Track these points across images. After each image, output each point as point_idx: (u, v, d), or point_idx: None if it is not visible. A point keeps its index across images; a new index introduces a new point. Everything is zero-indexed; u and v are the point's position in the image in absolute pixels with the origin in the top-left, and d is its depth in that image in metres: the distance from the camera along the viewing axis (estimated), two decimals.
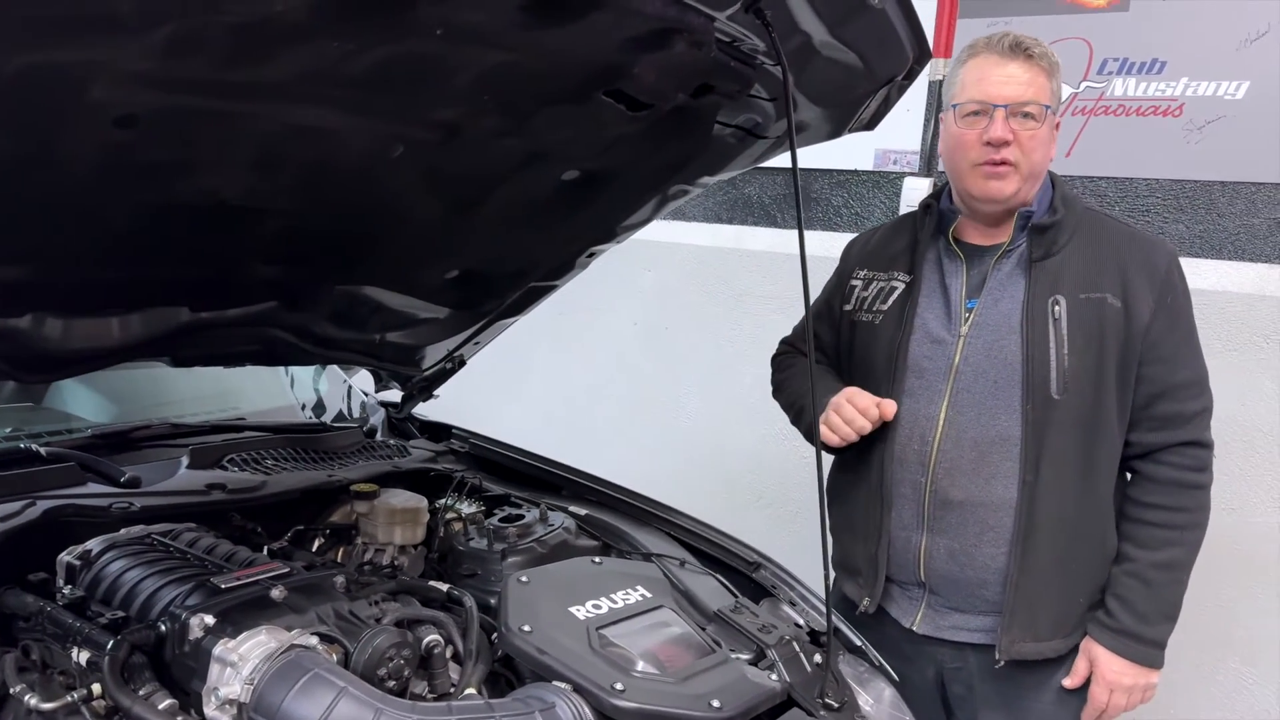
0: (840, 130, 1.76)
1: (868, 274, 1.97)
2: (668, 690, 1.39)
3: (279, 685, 1.19)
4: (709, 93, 1.51)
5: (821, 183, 3.32)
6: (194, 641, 1.27)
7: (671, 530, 2.03)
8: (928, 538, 1.83)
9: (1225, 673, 2.63)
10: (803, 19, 1.37)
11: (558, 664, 1.38)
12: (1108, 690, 1.79)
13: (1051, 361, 1.73)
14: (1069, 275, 1.76)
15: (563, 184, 1.75)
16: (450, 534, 1.95)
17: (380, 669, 1.31)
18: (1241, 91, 2.56)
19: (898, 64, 1.57)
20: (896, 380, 1.85)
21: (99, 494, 1.65)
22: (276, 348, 1.90)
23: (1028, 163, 1.75)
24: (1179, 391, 1.75)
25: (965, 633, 1.83)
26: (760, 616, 1.71)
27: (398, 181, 1.54)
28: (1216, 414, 2.63)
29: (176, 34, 1.02)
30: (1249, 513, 2.59)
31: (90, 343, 1.59)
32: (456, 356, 2.31)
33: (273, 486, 1.81)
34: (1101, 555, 1.80)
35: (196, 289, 1.67)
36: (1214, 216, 2.63)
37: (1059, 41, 2.79)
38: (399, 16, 1.08)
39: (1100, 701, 1.81)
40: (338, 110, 1.29)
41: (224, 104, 1.18)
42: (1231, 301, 2.59)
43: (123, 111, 1.12)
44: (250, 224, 1.47)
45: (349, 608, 1.42)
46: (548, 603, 1.55)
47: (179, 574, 1.43)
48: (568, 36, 1.24)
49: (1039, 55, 1.75)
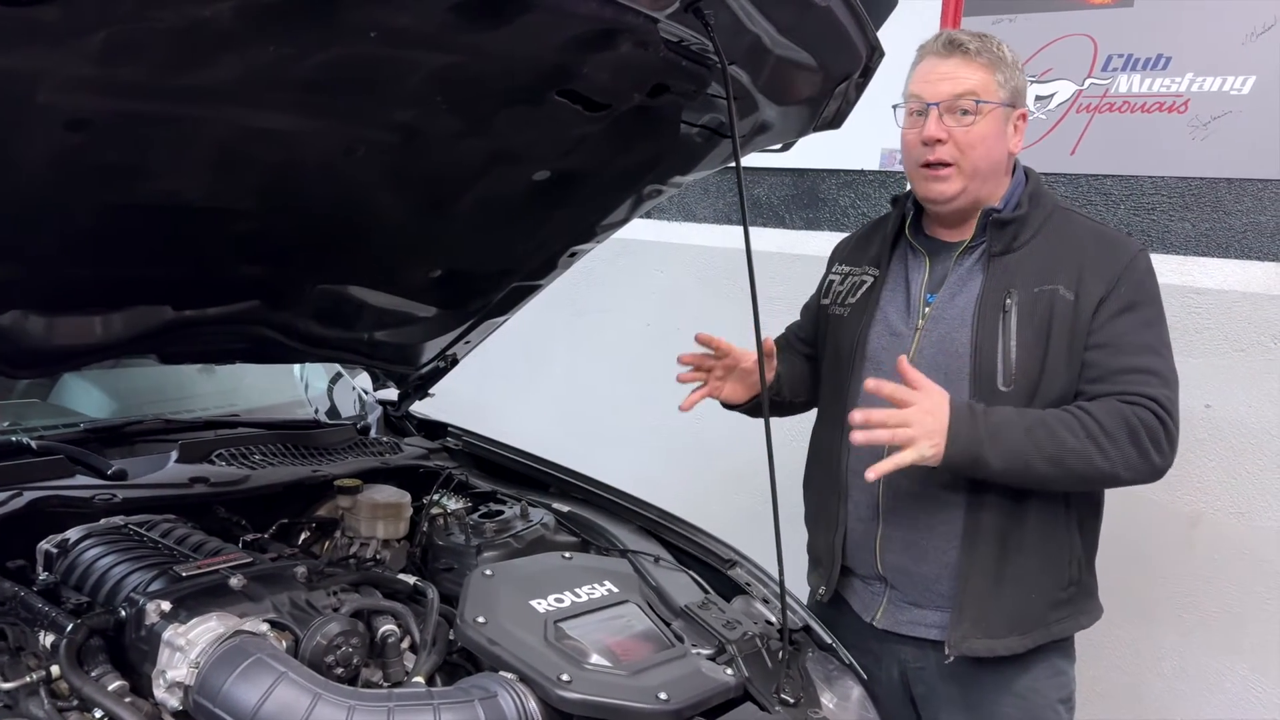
0: (806, 129, 1.77)
1: (845, 269, 2.01)
2: (616, 682, 1.41)
3: (222, 669, 1.23)
4: (665, 92, 1.54)
5: (829, 183, 3.31)
6: (149, 626, 1.32)
7: (651, 527, 2.05)
8: (883, 529, 1.83)
9: (1233, 679, 2.58)
10: (749, 19, 1.39)
11: (507, 654, 1.41)
12: (904, 416, 1.62)
13: (998, 354, 1.72)
14: (1026, 270, 1.74)
15: (535, 184, 1.77)
16: (433, 529, 1.99)
17: (328, 656, 1.35)
18: (1248, 86, 2.50)
19: (851, 62, 1.57)
20: (856, 371, 1.86)
21: (85, 485, 1.71)
22: (264, 345, 1.96)
23: (967, 160, 1.73)
24: (1118, 377, 1.69)
25: (923, 628, 1.82)
26: (728, 613, 1.72)
27: (363, 182, 1.58)
28: (1224, 416, 2.60)
29: (111, 40, 1.06)
30: (1256, 516, 2.53)
31: (74, 340, 1.66)
32: (449, 355, 2.35)
33: (256, 480, 1.86)
34: (1055, 552, 1.77)
35: (178, 288, 1.72)
36: (1220, 214, 2.58)
37: (1063, 39, 2.77)
38: (325, 21, 1.11)
39: (899, 394, 1.64)
40: (291, 113, 1.33)
41: (173, 108, 1.23)
42: (1238, 301, 2.53)
43: (72, 116, 1.17)
44: (218, 224, 1.52)
45: (306, 597, 1.46)
46: (509, 596, 1.58)
47: (146, 562, 1.48)
48: (507, 38, 1.27)
49: (977, 51, 1.74)
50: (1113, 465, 1.66)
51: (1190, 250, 2.62)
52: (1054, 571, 1.77)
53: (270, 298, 1.85)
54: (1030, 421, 1.66)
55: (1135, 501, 2.56)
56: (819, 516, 1.98)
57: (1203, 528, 2.61)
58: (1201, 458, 2.59)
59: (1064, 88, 2.77)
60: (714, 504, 2.76)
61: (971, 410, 1.67)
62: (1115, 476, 1.69)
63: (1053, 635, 1.78)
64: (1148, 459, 1.67)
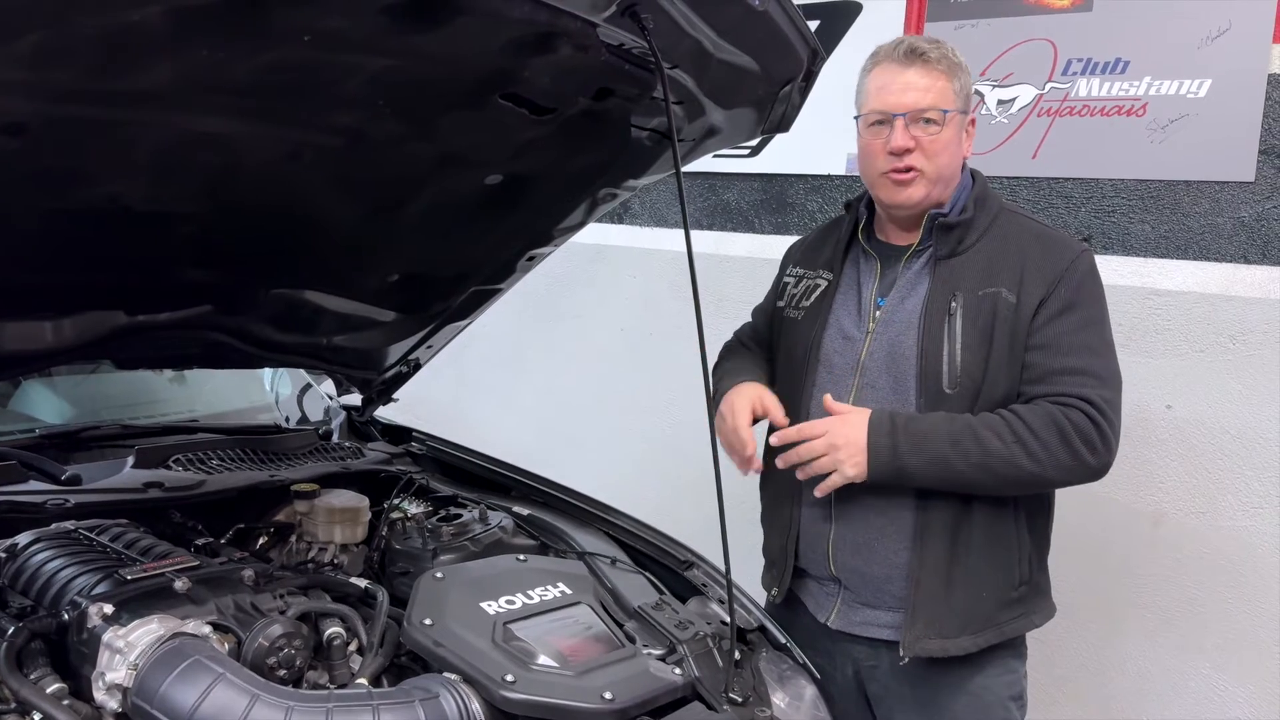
0: (754, 132, 1.78)
1: (799, 272, 2.01)
2: (561, 683, 1.42)
3: (159, 671, 1.23)
4: (610, 96, 1.55)
5: (797, 188, 3.33)
6: (90, 629, 1.32)
7: (611, 530, 2.06)
8: (835, 530, 1.84)
9: (1197, 678, 2.59)
10: (687, 23, 1.40)
11: (452, 656, 1.41)
12: (827, 430, 1.73)
13: (944, 357, 1.74)
14: (970, 273, 1.76)
15: (486, 188, 1.78)
16: (393, 534, 1.99)
17: (270, 658, 1.35)
18: (1204, 90, 2.53)
19: (793, 66, 1.59)
20: (809, 373, 1.88)
21: (37, 490, 1.71)
22: (220, 350, 1.96)
23: (933, 167, 1.76)
24: (1055, 378, 1.70)
25: (876, 629, 1.83)
26: (681, 613, 1.73)
27: (310, 186, 1.59)
28: (1184, 416, 2.62)
29: (42, 44, 1.06)
30: (1217, 516, 2.55)
31: (23, 345, 1.66)
32: (411, 360, 2.35)
33: (211, 485, 1.86)
34: (1003, 552, 1.78)
35: (129, 293, 1.73)
36: (1179, 217, 2.60)
37: (1024, 43, 2.79)
38: (256, 24, 1.12)
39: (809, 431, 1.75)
40: (230, 117, 1.34)
41: (109, 112, 1.23)
42: (1197, 302, 2.55)
43: (7, 120, 1.18)
44: (162, 229, 1.52)
45: (251, 600, 1.46)
46: (459, 597, 1.58)
47: (92, 566, 1.48)
48: (444, 41, 1.28)
49: (936, 59, 1.76)
50: (1041, 467, 1.67)
51: (1150, 252, 2.64)
52: (1004, 571, 1.78)
53: (222, 302, 1.85)
54: (957, 429, 1.69)
55: (1099, 502, 2.57)
56: (773, 518, 1.99)
57: (1165, 527, 2.62)
58: (1163, 457, 2.61)
59: (1025, 92, 2.80)
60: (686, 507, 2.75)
61: (892, 423, 1.71)
62: (1046, 478, 1.71)
63: (1005, 635, 1.79)
64: (1079, 459, 1.68)
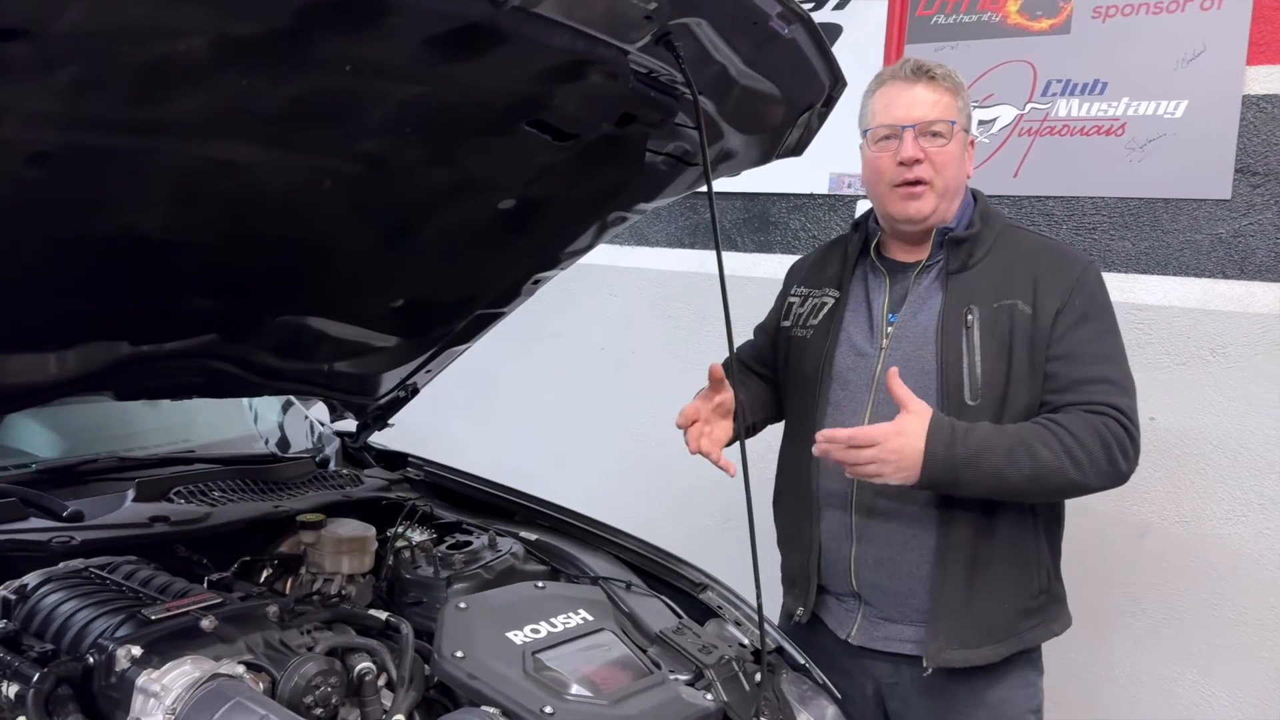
0: (769, 156, 1.80)
1: (804, 291, 2.03)
2: (598, 712, 1.40)
3: (200, 715, 1.19)
4: (633, 122, 1.55)
5: (779, 206, 3.36)
6: (120, 673, 1.28)
7: (620, 553, 2.05)
8: (857, 547, 1.85)
9: (1184, 685, 2.64)
10: (716, 50, 1.41)
11: (487, 689, 1.39)
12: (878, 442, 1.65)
13: (964, 369, 1.76)
14: (983, 286, 1.79)
15: (499, 212, 1.77)
16: (400, 562, 1.96)
17: (307, 697, 1.32)
18: (1180, 110, 2.60)
19: (815, 92, 1.61)
20: (822, 392, 1.89)
21: (40, 528, 1.66)
22: (221, 380, 1.92)
23: (941, 179, 1.79)
24: (1081, 387, 1.74)
25: (898, 643, 1.84)
26: (703, 637, 1.72)
27: (326, 213, 1.56)
28: (1167, 427, 2.68)
29: (81, 76, 1.04)
30: (1201, 525, 2.61)
31: (26, 378, 1.61)
32: (409, 385, 2.32)
33: (217, 518, 1.82)
34: (1024, 561, 1.81)
35: (134, 323, 1.69)
36: (1158, 233, 2.67)
37: (1004, 65, 2.85)
38: (300, 54, 1.11)
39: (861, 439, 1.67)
40: (255, 145, 1.32)
41: (135, 141, 1.21)
42: (1178, 317, 2.62)
43: (34, 150, 1.15)
44: (176, 257, 1.49)
45: (280, 637, 1.43)
46: (484, 628, 1.56)
47: (111, 606, 1.43)
48: (480, 70, 1.27)
49: (942, 76, 1.82)
50: (1085, 476, 1.70)
51: (1131, 268, 2.71)
52: (1025, 580, 1.81)
53: (228, 330, 1.81)
54: (1010, 441, 1.69)
55: (1087, 512, 2.61)
56: (792, 539, 1.98)
57: (1151, 537, 2.68)
58: (1148, 469, 2.66)
59: (1006, 112, 2.85)
60: (671, 525, 2.76)
61: (953, 434, 1.68)
62: (1085, 487, 1.73)
63: (1025, 644, 1.82)
64: (1116, 468, 1.72)
